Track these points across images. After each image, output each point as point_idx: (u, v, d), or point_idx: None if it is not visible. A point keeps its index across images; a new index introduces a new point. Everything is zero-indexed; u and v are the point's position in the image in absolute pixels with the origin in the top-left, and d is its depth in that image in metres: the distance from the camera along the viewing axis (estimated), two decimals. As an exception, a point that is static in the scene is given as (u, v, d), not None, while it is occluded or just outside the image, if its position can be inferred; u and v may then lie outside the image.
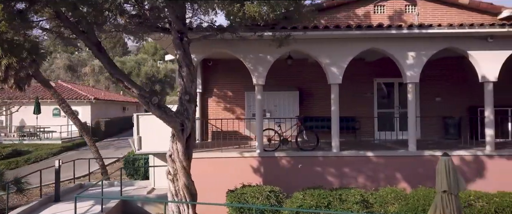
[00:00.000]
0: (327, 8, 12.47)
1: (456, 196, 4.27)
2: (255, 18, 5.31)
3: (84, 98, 27.74)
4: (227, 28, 6.45)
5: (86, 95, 28.37)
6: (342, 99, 12.57)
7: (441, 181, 4.36)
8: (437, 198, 4.43)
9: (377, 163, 8.93)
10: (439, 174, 4.43)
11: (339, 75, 8.99)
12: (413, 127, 9.09)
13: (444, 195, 4.29)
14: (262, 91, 9.07)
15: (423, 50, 8.92)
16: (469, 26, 8.39)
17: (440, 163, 4.54)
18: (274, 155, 8.91)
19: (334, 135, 9.04)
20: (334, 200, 7.20)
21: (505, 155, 8.81)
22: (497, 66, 8.89)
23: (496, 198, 7.13)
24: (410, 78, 9.01)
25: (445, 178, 4.31)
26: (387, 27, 8.43)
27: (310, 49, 9.03)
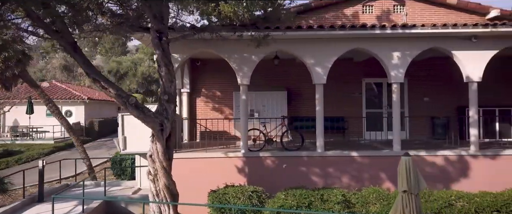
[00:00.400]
0: (316, 8, 12.51)
1: (417, 196, 4.26)
2: (230, 18, 5.30)
3: (78, 98, 27.67)
4: (205, 28, 6.44)
5: (79, 95, 28.29)
6: (331, 99, 12.67)
7: (401, 181, 4.36)
8: (398, 198, 4.43)
9: (362, 163, 8.93)
10: (399, 174, 4.43)
11: (324, 75, 8.99)
12: (397, 127, 9.10)
13: (405, 195, 4.28)
14: (247, 91, 9.05)
15: (407, 50, 8.92)
16: (452, 26, 8.39)
17: (401, 163, 4.54)
18: (258, 155, 8.90)
19: (318, 135, 9.03)
20: (316, 200, 7.19)
21: (489, 155, 8.82)
22: (481, 66, 8.91)
23: (477, 198, 7.15)
24: (395, 78, 9.02)
25: (405, 178, 4.30)
26: (370, 27, 8.43)
27: (295, 49, 9.02)
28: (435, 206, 6.89)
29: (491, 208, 6.88)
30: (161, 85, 6.48)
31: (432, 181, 8.83)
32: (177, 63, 8.84)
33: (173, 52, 8.85)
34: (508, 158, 8.77)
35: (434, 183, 8.78)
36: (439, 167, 8.84)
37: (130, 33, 7.60)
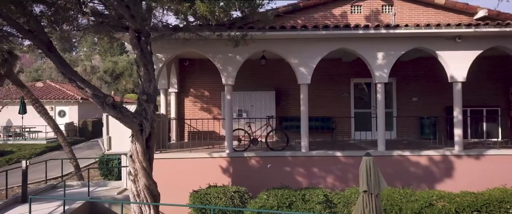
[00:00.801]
0: (305, 8, 12.48)
1: (377, 196, 4.26)
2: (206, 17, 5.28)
3: (71, 99, 27.60)
4: (183, 28, 6.41)
5: (73, 96, 28.20)
6: (320, 99, 12.71)
7: (362, 181, 4.35)
8: (359, 198, 4.43)
9: (346, 163, 8.93)
10: (361, 174, 4.42)
11: (308, 75, 8.99)
12: (382, 127, 9.10)
13: (365, 195, 4.28)
14: (231, 91, 9.04)
15: (392, 51, 8.93)
16: (435, 26, 8.41)
17: (362, 163, 4.54)
18: (243, 155, 8.88)
19: (303, 135, 9.03)
20: (297, 200, 7.19)
21: (473, 155, 8.83)
22: (465, 66, 8.92)
23: (458, 198, 7.16)
24: (379, 79, 9.02)
25: (365, 178, 4.30)
26: (354, 27, 8.43)
27: (279, 49, 9.02)
28: (416, 206, 6.90)
29: (471, 208, 6.89)
30: (140, 85, 6.46)
31: (416, 181, 8.87)
32: (161, 63, 8.82)
33: (157, 52, 8.86)
34: (492, 157, 8.78)
35: (419, 183, 8.81)
36: (423, 167, 8.85)
37: (112, 33, 7.57)
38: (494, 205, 6.95)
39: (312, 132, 12.36)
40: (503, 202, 6.99)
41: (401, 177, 8.79)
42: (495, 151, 8.87)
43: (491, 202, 6.98)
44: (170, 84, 12.24)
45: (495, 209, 6.93)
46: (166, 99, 10.78)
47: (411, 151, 8.90)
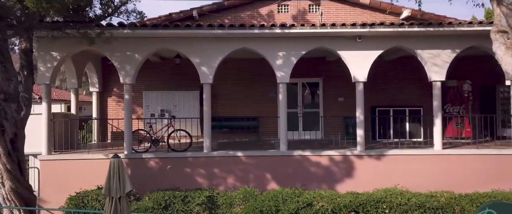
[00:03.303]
0: (231, 7, 12.41)
1: (121, 198, 4.16)
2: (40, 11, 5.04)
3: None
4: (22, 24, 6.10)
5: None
6: (247, 99, 12.61)
7: (105, 184, 4.26)
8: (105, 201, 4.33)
9: (248, 163, 8.85)
10: (106, 177, 4.32)
11: (210, 75, 8.87)
12: (284, 127, 9.07)
13: (108, 198, 4.18)
14: (130, 90, 8.87)
15: (293, 50, 8.88)
16: (330, 25, 8.38)
17: (109, 165, 4.43)
18: (141, 156, 8.72)
19: (205, 136, 8.91)
20: (177, 202, 7.06)
21: (374, 155, 8.85)
22: (366, 66, 8.93)
23: (338, 198, 7.14)
24: (281, 79, 8.97)
25: (108, 181, 4.20)
26: (249, 27, 8.35)
27: (180, 47, 8.87)
28: (292, 206, 6.84)
29: (348, 208, 6.87)
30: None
31: (317, 181, 8.85)
32: (55, 62, 8.57)
33: (52, 51, 8.62)
34: (392, 157, 8.82)
35: (319, 183, 8.78)
36: (324, 167, 8.83)
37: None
38: (371, 205, 6.96)
39: (239, 132, 12.31)
40: (380, 202, 7.00)
41: (301, 177, 8.75)
42: (395, 151, 8.92)
43: (368, 202, 6.98)
44: (91, 84, 12.01)
45: (372, 209, 6.93)
46: (76, 98, 10.50)
47: (312, 151, 8.88)
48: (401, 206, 6.93)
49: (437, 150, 8.84)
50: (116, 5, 6.35)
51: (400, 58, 11.61)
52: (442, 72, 8.85)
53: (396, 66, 12.21)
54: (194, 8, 11.93)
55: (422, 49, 8.85)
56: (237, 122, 12.01)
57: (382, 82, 12.40)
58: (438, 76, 8.87)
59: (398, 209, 6.91)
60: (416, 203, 6.92)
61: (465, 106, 11.66)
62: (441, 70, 8.85)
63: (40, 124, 8.66)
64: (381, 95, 12.39)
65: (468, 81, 11.56)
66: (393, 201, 6.98)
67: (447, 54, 8.84)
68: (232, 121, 12.07)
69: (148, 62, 12.05)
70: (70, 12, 5.30)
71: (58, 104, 19.37)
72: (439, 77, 8.87)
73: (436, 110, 8.93)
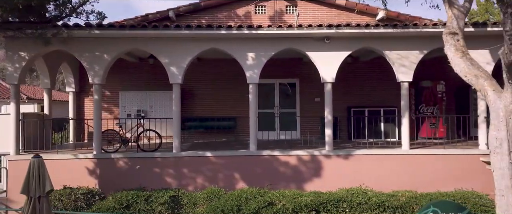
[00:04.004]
0: (208, 7, 12.48)
1: (41, 198, 4.21)
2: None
3: (17, 98, 26.76)
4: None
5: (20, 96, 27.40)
6: (224, 99, 12.65)
7: (23, 183, 4.30)
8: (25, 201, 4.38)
9: (217, 163, 8.89)
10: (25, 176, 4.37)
11: (179, 75, 8.90)
12: (254, 127, 9.12)
13: (27, 198, 4.22)
14: (99, 91, 8.87)
15: (262, 51, 8.93)
16: (297, 27, 8.46)
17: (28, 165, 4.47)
18: (110, 157, 8.74)
19: (175, 136, 8.93)
20: (140, 201, 7.10)
21: (342, 155, 8.92)
22: (334, 67, 9.00)
23: (300, 198, 7.20)
24: (250, 79, 9.03)
25: (27, 181, 4.24)
26: (217, 28, 8.39)
27: (150, 48, 8.89)
28: (254, 206, 6.90)
29: (308, 208, 6.94)
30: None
31: (285, 181, 8.91)
32: (24, 62, 8.58)
33: (20, 51, 8.62)
34: (360, 157, 8.89)
35: (288, 183, 8.85)
36: (293, 167, 8.89)
37: None
38: (332, 204, 7.03)
39: (216, 132, 12.37)
40: (340, 201, 7.08)
41: (270, 176, 8.81)
42: (363, 151, 9.00)
43: (329, 202, 7.05)
44: (67, 84, 12.01)
45: (332, 208, 7.00)
46: (49, 98, 10.50)
47: (280, 151, 8.94)
48: (361, 205, 7.00)
49: (405, 150, 8.93)
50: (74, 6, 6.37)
51: (376, 59, 11.69)
52: (410, 73, 8.94)
53: (372, 67, 12.30)
54: (171, 9, 11.98)
55: (390, 50, 8.94)
56: (214, 122, 12.07)
57: (358, 83, 12.50)
58: (405, 77, 8.96)
59: (359, 208, 6.99)
60: (376, 202, 7.01)
61: (439, 106, 11.78)
62: (408, 71, 8.94)
63: (11, 124, 8.67)
64: (357, 95, 12.49)
65: (442, 82, 11.68)
66: (354, 200, 7.06)
67: (415, 55, 8.93)
68: (209, 121, 12.12)
69: (125, 62, 12.10)
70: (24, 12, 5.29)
71: (31, 105, 19.34)
72: (406, 78, 8.96)
73: (404, 110, 9.02)
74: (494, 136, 5.26)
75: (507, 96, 5.10)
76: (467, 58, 5.54)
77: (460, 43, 5.68)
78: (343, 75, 12.32)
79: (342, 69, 12.24)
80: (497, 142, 5.23)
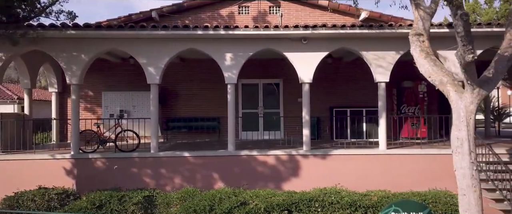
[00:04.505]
0: (191, 8, 12.51)
1: None
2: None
3: (8, 98, 26.72)
4: None
5: (10, 95, 27.33)
6: (208, 100, 12.68)
7: None
8: None
9: (195, 163, 8.92)
10: None
11: (156, 75, 8.91)
12: (232, 127, 9.14)
13: None
14: (77, 91, 8.88)
15: (240, 52, 8.97)
16: (274, 27, 8.51)
17: None
18: (88, 157, 8.75)
19: (153, 136, 8.94)
20: (113, 201, 7.12)
21: (319, 155, 8.97)
22: (312, 67, 9.05)
23: (273, 197, 7.24)
24: (229, 80, 9.05)
25: None
26: (193, 28, 8.42)
27: (129, 48, 8.91)
28: (226, 206, 6.93)
29: (280, 207, 6.98)
30: None
31: (263, 181, 8.95)
32: (0, 62, 8.58)
33: (-4, 51, 8.63)
34: (337, 157, 8.94)
35: (266, 183, 8.88)
36: (270, 167, 8.93)
37: None
38: (304, 204, 7.08)
39: (200, 132, 12.40)
40: (312, 201, 7.12)
41: (248, 176, 8.84)
42: (340, 150, 9.05)
43: (301, 201, 7.10)
44: (50, 84, 12.00)
45: (304, 208, 7.05)
46: (30, 99, 10.49)
47: (258, 151, 8.98)
48: (333, 205, 7.06)
49: (382, 150, 9.00)
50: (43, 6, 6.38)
51: (359, 59, 11.67)
52: (387, 73, 9.01)
53: (355, 67, 12.35)
54: (154, 9, 11.99)
55: (367, 50, 9.01)
56: (197, 122, 12.09)
57: (341, 83, 12.59)
58: (382, 77, 9.03)
59: (330, 208, 7.04)
60: (348, 201, 7.06)
61: (421, 107, 11.87)
62: (385, 71, 9.01)
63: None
64: (339, 96, 12.56)
65: (423, 83, 11.74)
66: (326, 199, 7.10)
67: (392, 56, 9.00)
68: (193, 121, 12.15)
69: (108, 62, 12.12)
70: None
71: (11, 105, 19.33)
72: (383, 79, 9.02)
73: (381, 111, 9.09)
74: (456, 135, 5.32)
75: (467, 96, 5.16)
76: (431, 59, 5.60)
77: (425, 44, 5.74)
78: (325, 75, 12.48)
79: (325, 70, 12.42)
80: (458, 142, 5.29)
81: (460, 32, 4.60)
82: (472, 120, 5.21)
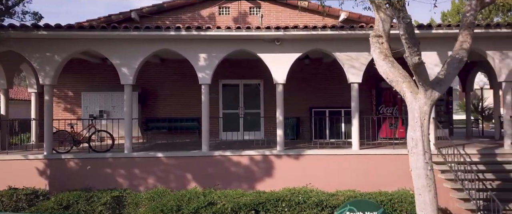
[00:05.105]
0: (172, 9, 12.54)
1: None
2: None
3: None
4: None
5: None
6: (189, 100, 12.70)
7: None
8: None
9: (169, 164, 8.95)
10: None
11: (130, 76, 8.94)
12: (206, 128, 9.19)
13: None
14: (50, 92, 8.90)
15: (214, 52, 9.01)
16: (245, 28, 8.56)
17: None
18: (61, 157, 8.76)
19: (126, 136, 8.97)
20: (81, 202, 7.14)
21: (293, 155, 9.03)
22: (285, 69, 9.11)
23: (240, 197, 7.29)
24: (202, 80, 9.10)
25: None
26: (165, 29, 8.46)
27: (102, 49, 8.94)
28: (193, 206, 6.97)
29: (247, 207, 7.03)
30: None
31: (237, 181, 9.00)
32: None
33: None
34: (310, 157, 9.00)
35: (240, 183, 8.93)
36: (244, 167, 8.98)
37: None
38: (271, 203, 7.13)
39: (180, 133, 12.42)
40: (280, 200, 7.18)
41: (221, 177, 8.89)
42: (314, 151, 9.11)
43: (268, 201, 7.15)
44: (29, 85, 11.99)
45: (272, 207, 7.10)
46: (6, 99, 10.47)
47: (232, 151, 9.03)
48: (300, 204, 7.11)
49: (355, 150, 9.07)
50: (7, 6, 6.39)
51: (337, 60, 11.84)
52: (359, 74, 9.08)
53: (333, 68, 12.38)
54: (133, 10, 12.01)
55: (340, 51, 9.08)
56: (177, 123, 12.12)
57: (320, 84, 12.66)
58: (355, 78, 9.10)
59: (297, 208, 7.10)
60: (315, 201, 7.12)
61: (398, 107, 11.96)
62: (358, 72, 9.08)
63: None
64: (319, 96, 12.63)
65: (401, 83, 11.84)
66: (293, 199, 7.16)
67: (364, 57, 9.06)
68: (172, 122, 12.18)
69: (88, 63, 12.11)
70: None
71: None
72: (356, 79, 9.10)
73: (354, 111, 9.16)
74: (410, 136, 5.40)
75: (421, 97, 5.24)
76: (390, 60, 5.67)
77: (384, 46, 5.81)
78: (306, 76, 12.57)
79: (305, 70, 12.52)
80: (413, 142, 5.37)
81: (403, 34, 4.67)
82: (426, 120, 5.29)
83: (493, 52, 9.02)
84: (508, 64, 8.98)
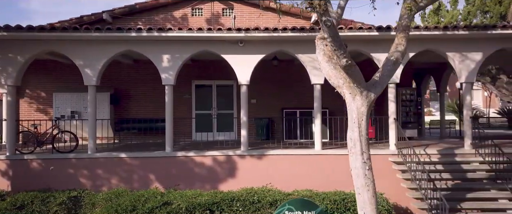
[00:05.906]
0: (144, 10, 12.60)
1: None
2: None
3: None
4: None
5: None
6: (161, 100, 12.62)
7: None
8: None
9: (132, 164, 9.01)
10: None
11: (93, 77, 8.98)
12: (170, 128, 9.26)
13: None
14: (13, 93, 8.92)
15: (177, 53, 9.08)
16: (207, 30, 8.64)
17: None
18: (23, 158, 8.78)
19: (90, 137, 9.01)
20: (36, 202, 7.17)
21: (256, 155, 9.12)
22: (249, 70, 9.20)
23: (196, 197, 7.35)
24: (166, 81, 9.16)
25: None
26: (127, 30, 8.52)
27: (65, 50, 8.97)
28: (148, 206, 7.02)
29: (202, 207, 7.09)
30: None
31: (200, 181, 9.06)
32: None
33: None
34: (273, 157, 9.10)
35: (203, 183, 9.00)
36: (207, 167, 9.06)
37: None
38: (225, 203, 7.20)
39: (152, 133, 12.42)
40: (234, 200, 7.25)
41: (185, 177, 8.96)
42: (277, 151, 9.21)
43: (223, 201, 7.22)
44: (0, 85, 11.95)
45: (226, 207, 7.17)
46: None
47: (195, 152, 9.10)
48: (254, 204, 7.19)
49: (317, 150, 9.18)
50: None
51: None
52: (321, 75, 9.16)
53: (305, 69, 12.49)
54: (105, 11, 12.04)
55: (303, 53, 9.18)
56: (148, 123, 12.14)
57: (292, 85, 12.75)
58: (317, 79, 9.21)
59: (252, 207, 7.17)
60: (270, 201, 7.21)
61: (369, 108, 12.07)
62: (320, 73, 9.13)
63: None
64: (291, 97, 12.73)
65: (372, 84, 11.96)
66: (248, 199, 7.24)
67: (327, 58, 9.17)
68: (144, 123, 12.19)
69: (59, 64, 12.11)
70: None
71: None
72: (318, 80, 9.21)
73: (316, 112, 9.28)
74: (349, 136, 5.50)
75: (358, 99, 5.34)
76: (332, 62, 5.77)
77: (327, 48, 5.90)
78: (278, 77, 12.67)
79: (277, 71, 12.60)
80: (351, 143, 5.47)
81: (327, 37, 4.77)
82: (364, 121, 5.40)
83: (453, 54, 9.17)
84: (468, 65, 9.14)
